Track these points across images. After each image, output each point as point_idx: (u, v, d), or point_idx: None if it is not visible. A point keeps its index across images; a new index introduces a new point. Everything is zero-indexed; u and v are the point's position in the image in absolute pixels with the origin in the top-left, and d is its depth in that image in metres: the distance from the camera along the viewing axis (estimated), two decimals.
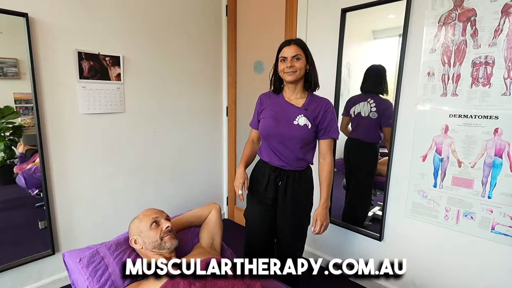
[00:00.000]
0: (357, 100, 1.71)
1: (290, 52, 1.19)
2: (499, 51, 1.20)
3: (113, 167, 1.85)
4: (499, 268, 1.28)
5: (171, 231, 1.10)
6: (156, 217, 1.10)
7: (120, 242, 1.14)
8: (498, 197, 1.26)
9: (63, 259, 1.08)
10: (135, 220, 1.13)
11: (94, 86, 1.71)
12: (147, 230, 1.07)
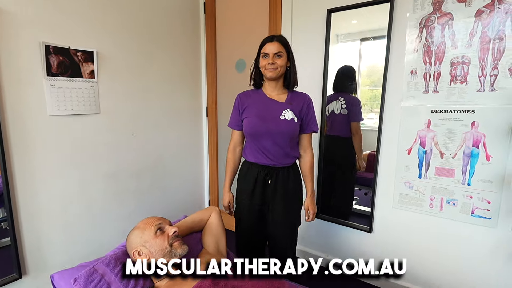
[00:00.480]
0: (330, 99, 1.78)
1: (272, 49, 1.18)
2: (473, 52, 1.33)
3: (87, 174, 1.66)
4: (481, 248, 1.41)
5: (179, 236, 1.03)
6: (159, 224, 1.01)
7: (119, 256, 1.01)
8: (476, 184, 1.39)
9: (52, 282, 0.93)
10: (135, 230, 1.02)
11: (65, 84, 1.53)
12: (152, 238, 0.97)
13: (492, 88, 1.31)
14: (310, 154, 1.32)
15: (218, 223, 1.21)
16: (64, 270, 0.94)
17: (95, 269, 0.92)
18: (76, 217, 1.63)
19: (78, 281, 0.88)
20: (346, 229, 1.81)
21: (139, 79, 1.88)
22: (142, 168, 1.97)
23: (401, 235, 1.62)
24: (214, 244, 1.16)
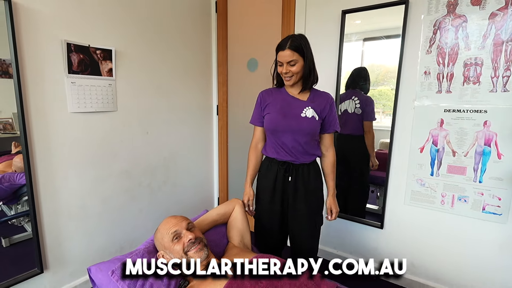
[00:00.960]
0: (343, 98, 1.82)
1: (285, 58, 1.18)
2: (487, 54, 1.37)
3: (103, 170, 1.69)
4: (491, 243, 1.46)
5: (195, 241, 1.00)
6: (175, 231, 1.00)
7: (150, 250, 1.04)
8: (487, 181, 1.44)
9: (89, 274, 0.95)
10: (157, 234, 1.05)
11: (85, 82, 1.55)
12: (170, 246, 0.99)
13: (504, 88, 1.35)
14: (332, 153, 1.33)
15: (242, 217, 1.24)
16: (99, 263, 0.97)
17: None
18: (92, 213, 1.66)
19: (115, 273, 0.90)
20: (357, 226, 1.86)
21: (152, 77, 1.90)
22: (155, 165, 1.99)
23: (412, 231, 1.66)
24: (239, 238, 1.19)
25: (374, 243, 1.81)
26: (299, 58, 1.18)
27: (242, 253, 1.05)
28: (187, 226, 1.04)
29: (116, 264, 0.94)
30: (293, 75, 1.20)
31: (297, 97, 1.28)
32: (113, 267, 0.93)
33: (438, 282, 1.63)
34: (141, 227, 1.95)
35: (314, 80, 1.27)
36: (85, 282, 1.65)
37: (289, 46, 1.16)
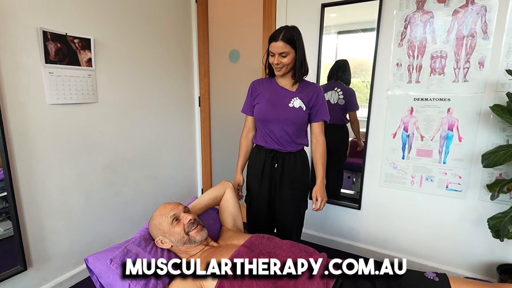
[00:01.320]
0: (325, 89, 1.92)
1: (277, 49, 1.20)
2: (450, 47, 1.52)
3: (85, 164, 1.65)
4: (452, 216, 1.64)
5: (195, 222, 1.06)
6: (174, 214, 1.04)
7: (146, 238, 1.06)
8: (450, 162, 1.61)
9: (86, 264, 0.96)
10: (153, 220, 1.07)
11: (63, 72, 1.49)
12: (169, 229, 1.02)
13: (464, 79, 1.51)
14: (322, 141, 1.36)
15: (233, 200, 1.28)
16: (96, 253, 0.97)
17: (128, 249, 0.97)
18: (76, 208, 1.62)
19: (114, 261, 0.92)
20: (337, 208, 1.99)
21: (133, 67, 1.86)
22: (138, 158, 1.97)
23: (386, 210, 1.82)
24: (232, 222, 1.24)
25: (353, 223, 1.95)
26: (291, 50, 1.21)
27: (237, 235, 1.11)
28: (184, 210, 1.09)
29: (114, 253, 0.95)
30: (284, 66, 1.24)
31: (286, 87, 1.33)
32: (110, 255, 0.94)
33: (408, 253, 1.81)
34: (127, 221, 1.93)
35: (305, 72, 1.31)
36: (71, 277, 1.62)
37: (282, 37, 1.19)
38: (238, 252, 0.90)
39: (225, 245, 1.01)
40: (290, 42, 1.20)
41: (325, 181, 1.39)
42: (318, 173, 1.37)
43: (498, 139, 1.48)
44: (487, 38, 1.44)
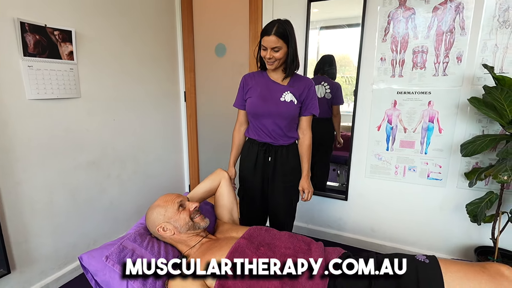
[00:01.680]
0: None
1: (270, 44, 1.19)
2: (431, 42, 1.59)
3: (69, 161, 1.59)
4: (433, 203, 1.74)
5: (199, 210, 1.09)
6: (180, 201, 1.06)
7: (141, 233, 1.04)
8: (431, 152, 1.69)
9: (80, 262, 0.93)
10: (156, 209, 1.06)
11: (43, 65, 1.42)
12: (175, 215, 1.02)
13: (444, 73, 1.59)
14: (308, 136, 1.38)
15: (229, 192, 1.27)
16: (90, 251, 0.95)
17: (124, 245, 0.95)
18: (60, 207, 1.56)
19: (110, 258, 0.90)
20: (324, 200, 2.04)
21: (116, 61, 1.81)
22: (124, 155, 1.92)
23: (372, 200, 1.89)
24: (228, 215, 1.24)
25: (340, 214, 2.01)
26: (283, 45, 1.20)
27: (234, 228, 1.11)
28: (187, 199, 1.11)
29: (109, 250, 0.93)
30: (276, 60, 1.24)
31: (277, 81, 1.33)
32: (106, 252, 0.92)
33: (392, 241, 1.90)
34: (113, 220, 1.88)
35: (296, 67, 1.31)
36: (57, 279, 1.57)
37: (274, 32, 1.18)
38: (239, 244, 0.91)
39: (223, 238, 1.01)
40: (283, 36, 1.20)
41: (310, 174, 1.43)
42: (304, 166, 1.40)
43: (475, 129, 1.58)
44: (464, 34, 1.52)
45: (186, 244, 1.04)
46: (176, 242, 1.05)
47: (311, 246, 0.94)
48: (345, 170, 2.18)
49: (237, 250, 0.88)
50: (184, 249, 1.04)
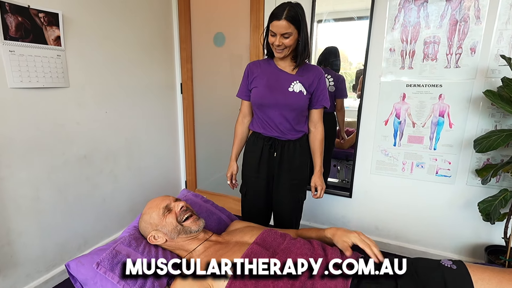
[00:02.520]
0: None
1: (280, 29, 1.09)
2: (443, 32, 1.51)
3: (57, 157, 1.47)
4: (442, 200, 1.67)
5: (188, 210, 0.97)
6: (166, 205, 0.96)
7: (137, 236, 0.94)
8: (441, 148, 1.63)
9: (68, 270, 0.83)
10: (144, 216, 0.97)
11: (27, 51, 1.29)
12: (161, 220, 0.93)
13: (456, 65, 1.51)
14: (321, 129, 1.30)
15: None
16: (79, 257, 0.84)
17: (117, 250, 0.85)
18: (47, 205, 1.45)
19: (101, 265, 0.80)
20: (328, 197, 1.96)
21: (109, 50, 1.68)
22: (116, 149, 1.81)
23: (377, 198, 1.82)
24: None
25: (344, 211, 1.94)
26: (294, 30, 1.10)
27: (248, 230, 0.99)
28: (175, 200, 1.00)
29: (100, 256, 0.83)
30: (285, 48, 1.14)
31: (285, 70, 1.23)
32: (97, 258, 0.82)
33: (398, 240, 1.84)
34: (105, 218, 1.77)
35: (307, 56, 1.21)
36: (45, 282, 1.46)
37: (285, 16, 1.07)
38: (252, 251, 0.82)
39: (235, 242, 0.91)
40: (294, 21, 1.09)
41: (323, 170, 1.35)
42: (316, 162, 1.33)
43: (487, 124, 1.51)
44: (479, 23, 1.44)
45: (184, 249, 0.95)
46: (173, 249, 0.95)
47: (327, 252, 0.86)
48: (345, 166, 2.11)
49: (249, 257, 0.79)
50: (184, 254, 0.94)
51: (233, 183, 1.40)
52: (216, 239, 0.98)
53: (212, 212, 1.17)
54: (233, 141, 1.38)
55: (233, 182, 1.39)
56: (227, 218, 1.20)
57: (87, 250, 1.67)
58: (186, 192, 1.27)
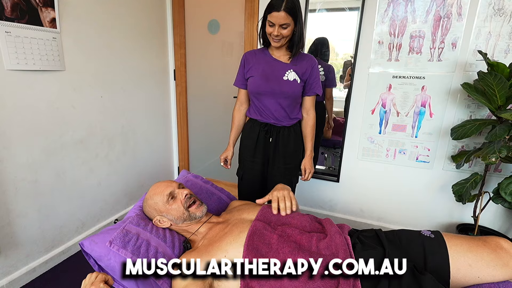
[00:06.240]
0: None
1: (278, 20, 1.14)
2: (428, 27, 1.61)
3: (54, 141, 1.48)
4: (421, 184, 1.82)
5: (192, 196, 1.01)
6: (170, 192, 0.99)
7: (143, 217, 1.00)
8: (421, 136, 1.76)
9: (82, 248, 0.87)
10: (148, 201, 1.01)
11: (23, 32, 1.28)
12: (166, 208, 0.97)
13: (439, 58, 1.63)
14: (312, 116, 1.36)
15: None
16: (91, 236, 0.89)
17: (127, 230, 0.90)
18: (45, 188, 1.47)
19: (114, 243, 0.85)
20: (316, 182, 2.07)
21: (103, 33, 1.67)
22: (112, 134, 1.82)
23: (363, 182, 1.95)
24: None
25: (331, 195, 2.06)
26: (291, 21, 1.15)
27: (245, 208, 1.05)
28: (179, 186, 1.03)
29: (111, 235, 0.89)
30: (283, 38, 1.19)
31: (280, 59, 1.29)
32: (108, 237, 0.87)
33: (380, 221, 1.99)
34: (101, 201, 1.81)
35: (302, 46, 1.27)
36: (45, 262, 1.50)
37: (284, 8, 1.11)
38: (256, 227, 0.88)
39: (235, 220, 0.97)
40: (292, 13, 1.14)
41: (313, 154, 1.44)
42: (307, 146, 1.41)
43: (463, 115, 1.65)
44: (461, 20, 1.55)
45: (188, 231, 1.01)
46: (178, 231, 1.02)
47: (322, 224, 0.96)
48: (332, 154, 2.22)
49: (255, 233, 0.86)
50: (188, 235, 1.01)
51: (226, 164, 1.46)
52: (217, 220, 1.04)
53: (212, 193, 1.24)
54: (230, 127, 1.44)
55: (227, 164, 1.46)
56: (226, 198, 1.28)
57: (85, 232, 1.70)
58: (186, 173, 1.32)
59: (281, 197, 1.00)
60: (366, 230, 0.95)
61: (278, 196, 1.00)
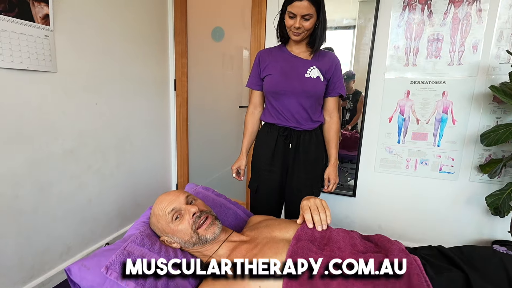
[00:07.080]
0: None
1: (301, 10, 1.03)
2: (446, 30, 1.54)
3: (40, 151, 1.30)
4: (445, 198, 1.68)
5: (202, 214, 0.81)
6: (173, 209, 0.80)
7: (149, 233, 0.81)
8: (444, 145, 1.64)
9: (68, 276, 0.68)
10: (152, 218, 0.85)
11: (10, 26, 1.13)
12: (171, 229, 0.79)
13: (459, 62, 1.55)
14: (336, 119, 1.23)
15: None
16: (81, 260, 0.70)
17: (129, 251, 0.71)
18: (27, 205, 1.26)
19: (112, 269, 0.66)
20: (331, 196, 1.90)
21: (101, 35, 1.55)
22: (106, 145, 1.64)
23: (381, 196, 1.80)
24: None
25: (346, 211, 1.89)
26: (314, 12, 1.05)
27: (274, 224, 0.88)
28: (186, 200, 0.83)
29: (108, 257, 0.69)
30: (304, 31, 1.08)
31: (300, 56, 1.17)
32: (104, 261, 0.68)
33: (401, 238, 1.79)
34: (91, 221, 1.59)
35: (321, 43, 1.15)
36: None
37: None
38: (298, 248, 0.71)
39: (264, 240, 0.79)
40: (315, 2, 1.04)
41: (338, 162, 1.29)
42: (331, 153, 1.26)
43: (489, 121, 1.54)
44: (481, 22, 1.49)
45: (203, 254, 0.82)
46: (192, 253, 0.83)
47: (374, 241, 0.79)
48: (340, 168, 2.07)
49: (297, 255, 0.69)
50: (205, 258, 0.81)
51: (239, 176, 1.29)
52: (240, 239, 0.84)
53: (227, 207, 1.05)
54: (243, 134, 1.29)
55: (239, 175, 1.29)
56: (242, 213, 1.09)
57: (70, 259, 1.47)
58: (195, 186, 1.14)
59: (313, 207, 0.83)
60: (423, 248, 0.78)
61: (309, 205, 0.83)
